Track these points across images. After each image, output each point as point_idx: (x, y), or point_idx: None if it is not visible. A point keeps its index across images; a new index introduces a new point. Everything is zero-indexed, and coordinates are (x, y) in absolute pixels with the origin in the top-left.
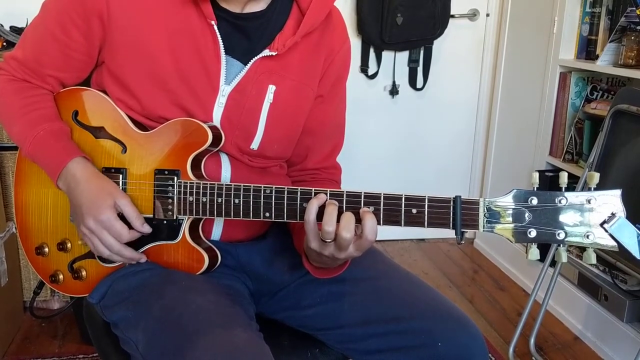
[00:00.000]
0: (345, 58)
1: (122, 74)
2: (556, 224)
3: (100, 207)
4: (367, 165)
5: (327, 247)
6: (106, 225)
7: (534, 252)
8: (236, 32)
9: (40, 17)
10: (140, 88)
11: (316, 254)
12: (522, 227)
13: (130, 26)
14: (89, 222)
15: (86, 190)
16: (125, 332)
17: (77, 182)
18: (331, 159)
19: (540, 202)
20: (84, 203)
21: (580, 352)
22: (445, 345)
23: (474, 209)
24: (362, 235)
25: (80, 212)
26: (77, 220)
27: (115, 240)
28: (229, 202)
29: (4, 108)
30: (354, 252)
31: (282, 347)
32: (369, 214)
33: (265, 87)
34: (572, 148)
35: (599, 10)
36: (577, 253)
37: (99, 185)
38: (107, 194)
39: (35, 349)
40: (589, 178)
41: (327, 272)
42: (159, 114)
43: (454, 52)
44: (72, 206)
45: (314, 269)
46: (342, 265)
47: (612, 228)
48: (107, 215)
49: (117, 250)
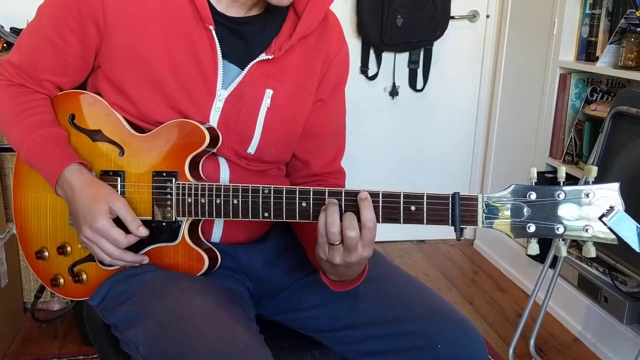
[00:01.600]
0: (344, 62)
1: (118, 79)
2: (555, 218)
3: (94, 215)
4: (366, 166)
5: (336, 252)
6: (102, 233)
7: (534, 247)
8: (233, 37)
9: (35, 21)
10: (137, 92)
11: (330, 265)
12: (521, 222)
13: (127, 30)
14: (86, 231)
15: (82, 199)
16: (125, 333)
17: (73, 190)
18: (335, 163)
19: (539, 196)
20: (80, 212)
21: (580, 353)
22: (445, 347)
23: (473, 205)
24: (362, 225)
25: (77, 221)
26: (77, 228)
27: (114, 247)
28: (228, 203)
29: (2, 114)
30: (362, 250)
31: (282, 349)
32: (365, 201)
33: (263, 92)
34: (572, 149)
35: (598, 11)
36: (577, 255)
37: (93, 192)
38: (101, 201)
39: (35, 350)
40: (587, 172)
41: (345, 285)
42: (155, 119)
43: (454, 53)
44: (71, 213)
45: (331, 283)
46: (358, 277)
47: (611, 221)
48: (102, 223)
49: (118, 256)
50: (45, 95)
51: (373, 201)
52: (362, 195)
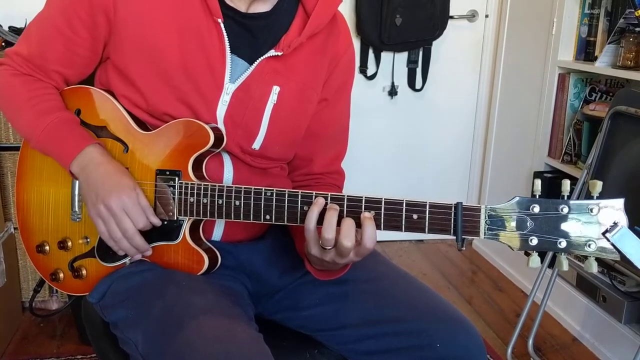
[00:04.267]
0: (350, 62)
1: (127, 70)
2: (558, 232)
3: (124, 188)
4: (365, 165)
5: (328, 254)
6: (128, 206)
7: (535, 259)
8: (242, 32)
9: (45, 12)
10: (146, 83)
11: (317, 259)
12: (523, 234)
13: (137, 22)
14: (110, 200)
15: (109, 171)
16: (124, 332)
17: (98, 164)
18: (336, 164)
19: (542, 210)
20: (106, 182)
21: (578, 353)
22: (443, 346)
23: (475, 216)
24: (361, 242)
25: (100, 192)
26: (93, 200)
27: (132, 225)
28: (230, 204)
29: (11, 100)
30: (354, 257)
31: (281, 348)
32: (369, 220)
33: (270, 88)
34: (571, 149)
35: (597, 11)
36: (575, 255)
37: (120, 169)
38: (129, 177)
39: (33, 349)
40: (591, 186)
41: (329, 274)
42: (163, 110)
43: (453, 53)
44: (87, 187)
45: (316, 272)
46: (344, 267)
47: (614, 237)
48: (132, 197)
49: (131, 235)
50: (53, 85)
51: (375, 208)
52: (367, 214)
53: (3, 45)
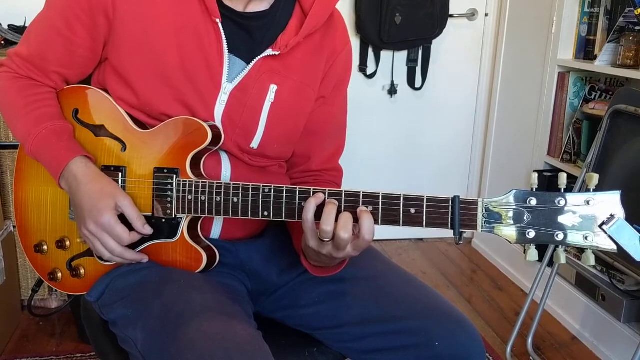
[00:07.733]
0: (347, 60)
1: (125, 70)
2: (555, 225)
3: (100, 210)
4: (365, 164)
5: (325, 246)
6: (107, 228)
7: (533, 252)
8: (240, 31)
9: (45, 13)
10: (143, 84)
11: (314, 252)
12: (520, 227)
13: (136, 22)
14: (89, 225)
15: (87, 192)
16: (124, 330)
17: (78, 183)
18: (334, 160)
19: (539, 203)
20: (84, 205)
21: (577, 351)
22: (442, 344)
23: (473, 209)
24: (360, 235)
25: (81, 214)
26: (78, 221)
27: (117, 244)
28: (228, 201)
29: (8, 106)
30: (351, 251)
31: (280, 347)
32: (366, 213)
33: (267, 87)
34: (571, 148)
35: (597, 10)
36: (574, 253)
37: (99, 186)
38: (107, 196)
39: (32, 348)
40: (588, 179)
41: (325, 271)
42: (160, 111)
43: (452, 51)
44: (74, 206)
45: (312, 268)
46: (340, 264)
47: (611, 229)
48: (108, 218)
49: (119, 254)
50: (51, 88)
51: (373, 203)
52: (363, 208)
53: (2, 44)
